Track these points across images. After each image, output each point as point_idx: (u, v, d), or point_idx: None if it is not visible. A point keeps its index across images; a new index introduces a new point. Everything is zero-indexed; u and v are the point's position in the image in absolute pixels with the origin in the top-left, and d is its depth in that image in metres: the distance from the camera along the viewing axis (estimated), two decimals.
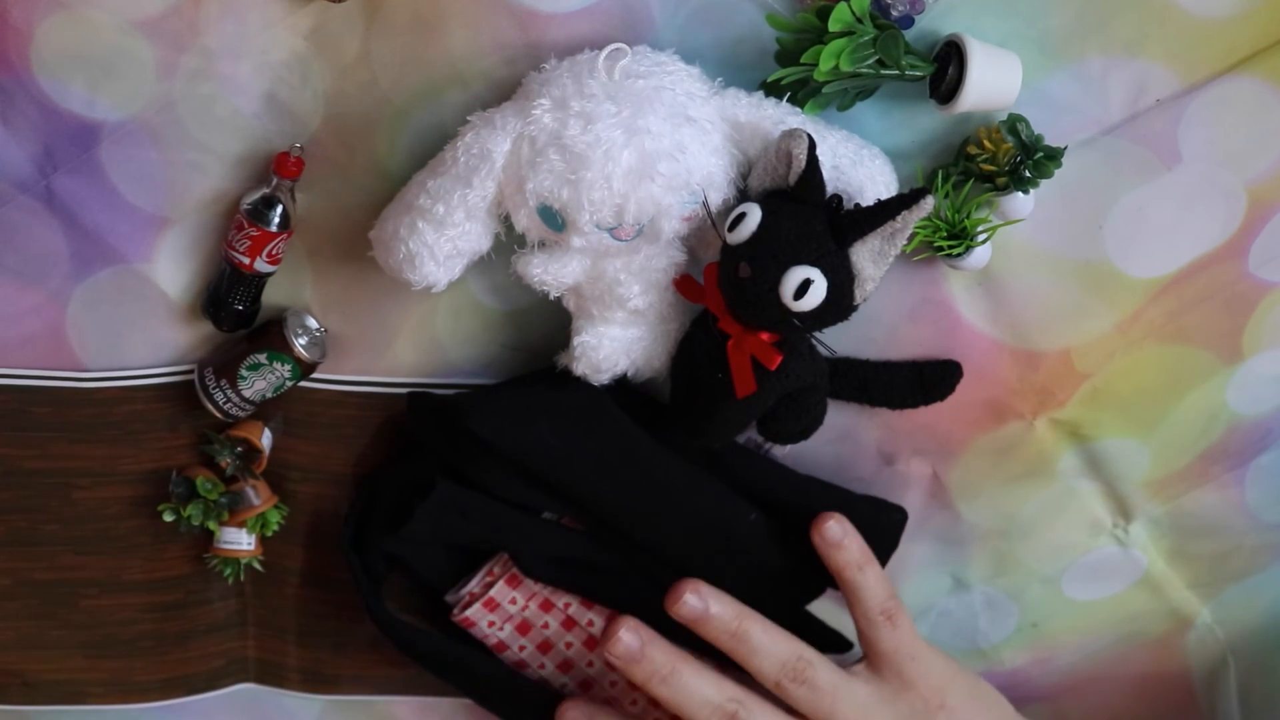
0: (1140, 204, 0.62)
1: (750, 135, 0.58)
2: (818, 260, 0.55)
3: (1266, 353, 0.67)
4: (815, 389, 0.63)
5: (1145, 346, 0.66)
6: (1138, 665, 0.79)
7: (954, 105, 0.57)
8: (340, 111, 0.61)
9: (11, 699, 0.75)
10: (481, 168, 0.56)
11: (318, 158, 0.62)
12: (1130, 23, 0.58)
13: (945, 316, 0.65)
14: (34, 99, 0.60)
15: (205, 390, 0.66)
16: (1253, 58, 0.59)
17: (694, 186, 0.56)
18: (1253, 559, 0.75)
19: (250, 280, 0.63)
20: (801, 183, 0.56)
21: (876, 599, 0.66)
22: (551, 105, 0.55)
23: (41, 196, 0.63)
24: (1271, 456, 0.72)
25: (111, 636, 0.74)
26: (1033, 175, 0.60)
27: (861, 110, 0.60)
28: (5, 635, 0.74)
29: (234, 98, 0.60)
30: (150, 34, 0.59)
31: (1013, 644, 0.78)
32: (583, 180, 0.54)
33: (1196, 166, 0.61)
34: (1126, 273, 0.64)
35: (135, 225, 0.64)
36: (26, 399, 0.68)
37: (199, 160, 0.62)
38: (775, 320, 0.57)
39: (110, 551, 0.72)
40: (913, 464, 0.70)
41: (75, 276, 0.65)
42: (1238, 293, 0.65)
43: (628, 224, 0.56)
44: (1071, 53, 0.59)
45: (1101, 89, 0.60)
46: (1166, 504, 0.72)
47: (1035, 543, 0.73)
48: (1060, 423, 0.69)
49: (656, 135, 0.54)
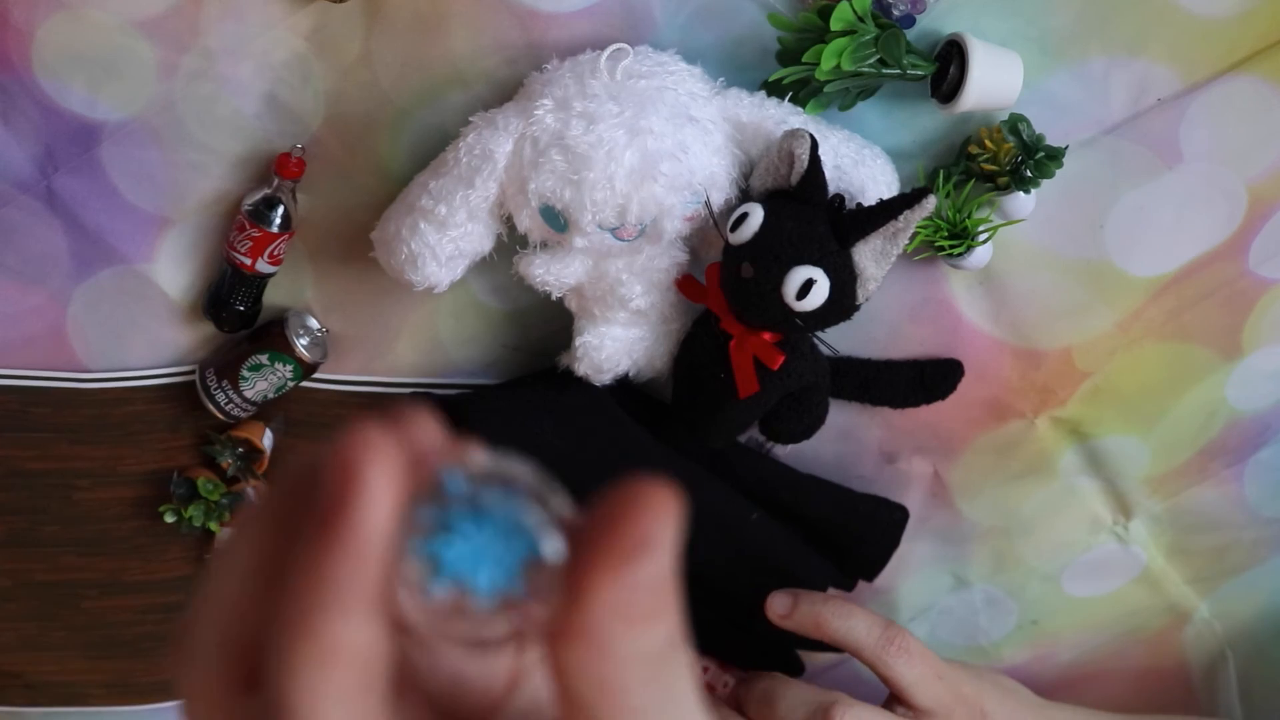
0: (1141, 203, 0.62)
1: (752, 135, 0.58)
2: (820, 260, 0.55)
3: (1265, 349, 0.67)
4: (817, 388, 0.63)
5: (1146, 344, 0.67)
6: (1137, 660, 0.79)
7: (955, 105, 0.57)
8: (341, 112, 0.61)
9: (12, 700, 0.75)
10: (484, 168, 0.56)
11: (319, 158, 0.62)
12: (1131, 23, 0.59)
13: (947, 315, 0.66)
14: (35, 99, 0.60)
15: (207, 391, 0.66)
16: (1253, 57, 0.59)
17: (696, 186, 0.56)
18: (1251, 553, 0.75)
19: (252, 281, 0.63)
20: (804, 183, 0.56)
21: (874, 637, 0.63)
22: (554, 105, 0.55)
23: (42, 197, 0.63)
24: (1270, 452, 0.72)
25: (112, 638, 0.74)
26: (1034, 175, 0.60)
27: (863, 110, 0.60)
28: (6, 636, 0.73)
29: (235, 98, 0.60)
30: (151, 34, 0.59)
31: (1013, 641, 0.78)
32: (585, 180, 0.54)
33: (1197, 165, 0.62)
34: (1127, 271, 0.64)
35: (136, 226, 0.64)
36: (27, 400, 0.68)
37: (200, 161, 0.62)
38: (777, 320, 0.57)
39: (111, 553, 0.72)
40: (914, 462, 0.71)
41: (76, 277, 0.65)
42: (1238, 290, 0.65)
43: (630, 224, 0.56)
44: (1073, 52, 0.59)
45: (1103, 89, 0.60)
46: (1166, 500, 0.73)
47: (1036, 540, 0.74)
48: (1061, 421, 0.69)
49: (659, 135, 0.54)
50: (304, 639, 0.23)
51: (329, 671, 0.23)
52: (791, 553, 0.68)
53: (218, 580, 0.26)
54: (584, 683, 0.25)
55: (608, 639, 0.24)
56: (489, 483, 0.25)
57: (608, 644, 0.24)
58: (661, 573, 0.24)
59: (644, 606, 0.24)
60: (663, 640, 0.25)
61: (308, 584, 0.23)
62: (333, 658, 0.23)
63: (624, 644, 0.24)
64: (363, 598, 0.23)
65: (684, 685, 0.26)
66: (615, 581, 0.24)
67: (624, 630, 0.24)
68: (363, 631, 0.24)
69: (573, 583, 0.24)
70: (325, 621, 0.23)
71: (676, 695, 0.26)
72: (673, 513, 0.24)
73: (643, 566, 0.24)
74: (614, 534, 0.24)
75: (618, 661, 0.24)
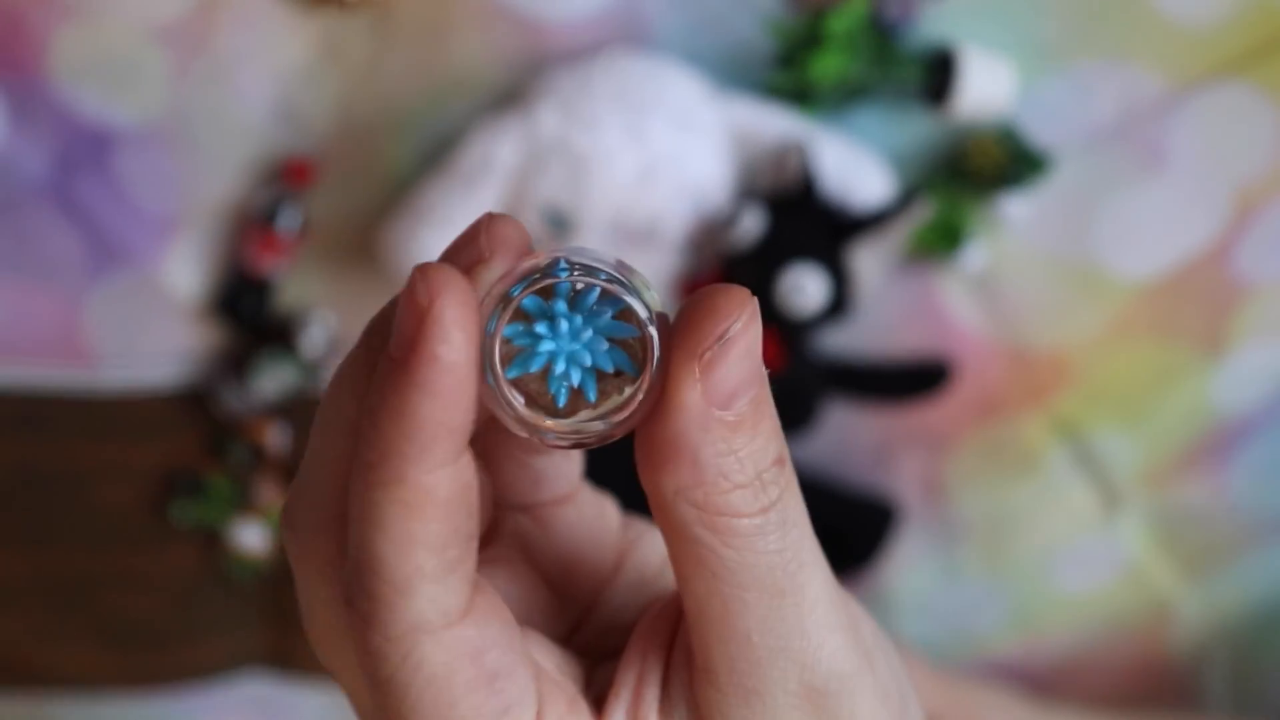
0: (1129, 206, 0.64)
1: (750, 140, 0.59)
2: (817, 263, 0.57)
3: (1249, 349, 0.69)
4: (811, 387, 0.64)
5: (1134, 344, 0.68)
6: (1127, 652, 0.80)
7: (948, 110, 0.58)
8: (350, 118, 0.62)
9: (27, 690, 0.76)
10: (486, 173, 0.57)
11: (328, 163, 0.63)
12: (1118, 30, 0.60)
13: (938, 316, 0.67)
14: (49, 105, 0.61)
15: (216, 391, 0.67)
16: (1238, 64, 0.61)
17: (695, 190, 0.57)
18: (1238, 546, 0.76)
19: (261, 284, 0.65)
20: (800, 186, 0.57)
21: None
22: (555, 111, 0.56)
23: (56, 200, 0.64)
24: (1255, 448, 0.73)
25: (124, 630, 0.75)
26: (1025, 178, 0.61)
27: (858, 116, 0.61)
28: (20, 629, 0.74)
29: (246, 104, 0.61)
30: (164, 41, 0.60)
31: (1004, 635, 0.78)
32: (586, 184, 0.55)
33: (1184, 170, 0.63)
34: (1116, 273, 0.65)
35: (148, 229, 0.65)
36: (40, 400, 0.69)
37: (211, 166, 0.63)
38: (774, 321, 0.58)
39: (122, 549, 0.73)
40: (906, 460, 0.71)
41: (89, 279, 0.66)
42: (1223, 292, 0.67)
43: (631, 228, 0.57)
44: (1062, 59, 0.60)
45: (1091, 94, 0.61)
46: (1154, 496, 0.74)
47: (1026, 536, 0.74)
48: (1051, 419, 0.70)
49: (659, 140, 0.55)
50: (384, 487, 0.22)
51: (414, 521, 0.22)
52: None
53: (314, 440, 0.25)
54: (687, 513, 0.24)
55: (700, 450, 0.23)
56: (583, 272, 0.24)
57: (702, 458, 0.23)
58: (748, 370, 0.23)
59: (736, 411, 0.23)
60: (763, 453, 0.24)
61: (385, 429, 0.22)
62: (418, 505, 0.22)
63: (722, 459, 0.23)
64: (446, 437, 0.22)
65: (796, 511, 0.25)
66: (701, 379, 0.23)
67: (719, 438, 0.23)
68: (448, 474, 0.22)
69: (661, 390, 0.23)
70: (405, 466, 0.22)
71: (789, 522, 0.24)
72: (751, 311, 0.23)
73: (726, 364, 0.23)
74: (695, 334, 0.23)
75: (715, 479, 0.23)
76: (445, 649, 0.23)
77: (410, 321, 0.22)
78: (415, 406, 0.22)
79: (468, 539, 0.23)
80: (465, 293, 0.22)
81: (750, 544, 0.24)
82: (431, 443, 0.22)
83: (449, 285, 0.22)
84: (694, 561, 0.24)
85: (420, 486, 0.22)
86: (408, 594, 0.23)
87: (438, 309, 0.22)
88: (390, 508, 0.22)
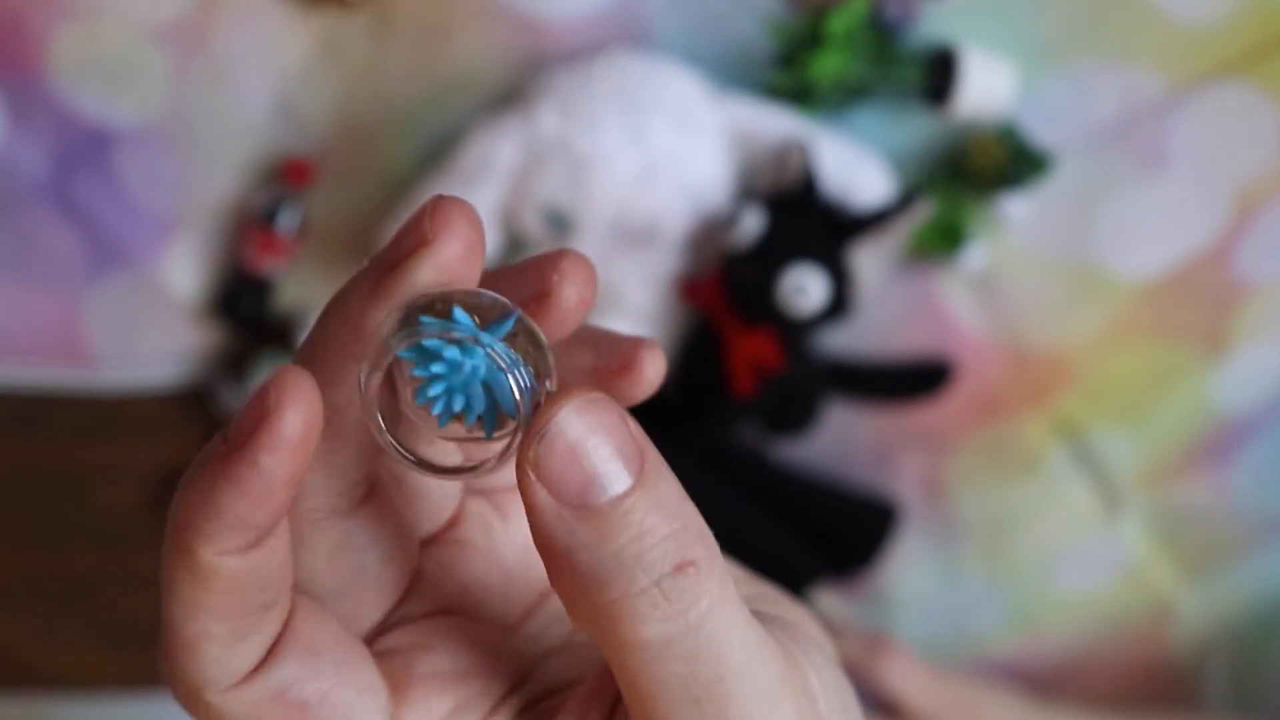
0: (1130, 206, 0.64)
1: (751, 139, 0.59)
2: (818, 262, 0.57)
3: (1250, 348, 0.69)
4: (812, 387, 0.64)
5: (1135, 344, 0.68)
6: (1127, 652, 0.80)
7: (949, 110, 0.58)
8: (350, 118, 0.62)
9: (27, 691, 0.76)
10: (486, 173, 0.57)
11: (327, 163, 0.63)
12: (1119, 30, 0.60)
13: (939, 316, 0.67)
14: (49, 104, 0.61)
15: (216, 391, 0.67)
16: (1239, 64, 0.61)
17: (695, 190, 0.57)
18: (1238, 547, 0.76)
19: (260, 283, 0.65)
20: (801, 186, 0.57)
21: (860, 649, 0.65)
22: (556, 110, 0.56)
23: (56, 200, 0.64)
24: (1256, 448, 0.73)
25: (125, 631, 0.75)
26: (1025, 178, 0.61)
27: (859, 116, 0.61)
28: (21, 629, 0.74)
29: (245, 104, 0.61)
30: (163, 41, 0.60)
31: (1004, 634, 0.79)
32: (586, 184, 0.55)
33: (1185, 169, 0.63)
34: (1117, 272, 0.65)
35: (148, 229, 0.65)
36: (40, 399, 0.69)
37: (211, 165, 0.63)
38: (775, 321, 0.58)
39: (123, 548, 0.73)
40: (907, 460, 0.72)
41: (88, 279, 0.66)
42: (1224, 291, 0.67)
43: (631, 227, 0.57)
44: (1063, 59, 0.60)
45: (1092, 94, 0.61)
46: (1155, 496, 0.74)
47: (1026, 535, 0.74)
48: (1052, 419, 0.70)
49: (659, 140, 0.55)
50: (175, 553, 0.22)
51: (198, 590, 0.23)
52: (782, 544, 0.69)
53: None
54: (586, 627, 0.23)
55: (573, 555, 0.22)
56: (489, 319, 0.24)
57: (576, 562, 0.22)
58: (590, 465, 0.22)
59: (597, 507, 0.22)
60: (657, 551, 0.22)
61: (190, 500, 0.22)
62: (203, 578, 0.22)
63: (601, 564, 0.22)
64: (243, 532, 0.22)
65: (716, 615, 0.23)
66: (538, 478, 0.22)
67: (591, 540, 0.22)
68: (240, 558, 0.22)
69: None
70: (197, 541, 0.22)
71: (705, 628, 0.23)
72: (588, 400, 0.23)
73: (553, 461, 0.22)
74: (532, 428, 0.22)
75: (598, 585, 0.22)
76: (239, 703, 0.24)
77: (249, 418, 0.21)
78: (222, 495, 0.22)
79: (262, 608, 0.23)
80: (312, 404, 0.22)
81: (660, 655, 0.22)
82: (226, 531, 0.22)
83: (298, 397, 0.21)
84: (611, 665, 0.23)
85: (206, 564, 0.22)
86: (195, 654, 0.23)
87: (275, 420, 0.21)
88: (179, 572, 0.23)
